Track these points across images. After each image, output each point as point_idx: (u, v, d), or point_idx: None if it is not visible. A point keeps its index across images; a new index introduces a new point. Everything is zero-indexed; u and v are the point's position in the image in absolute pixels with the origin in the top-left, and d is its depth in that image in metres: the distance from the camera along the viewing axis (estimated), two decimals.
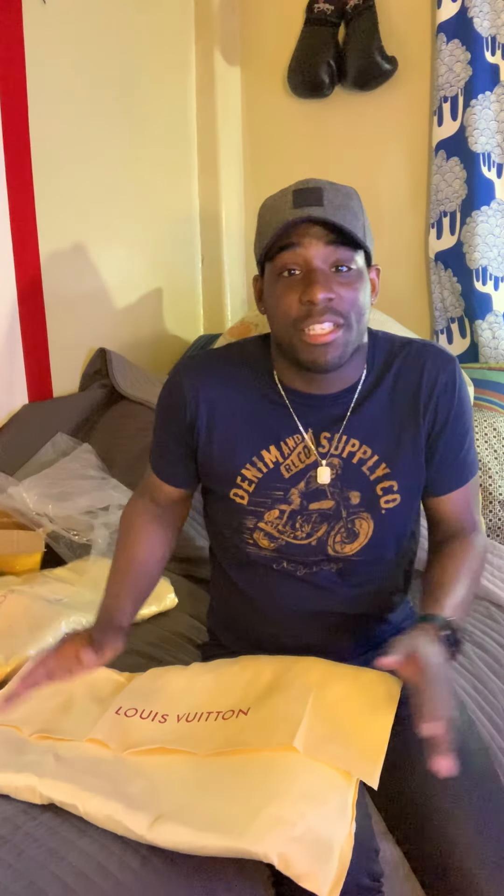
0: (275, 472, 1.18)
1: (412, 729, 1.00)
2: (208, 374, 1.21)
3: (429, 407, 1.16)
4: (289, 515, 1.18)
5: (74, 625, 1.40)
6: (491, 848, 1.00)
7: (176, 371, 1.24)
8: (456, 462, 1.19)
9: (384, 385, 1.18)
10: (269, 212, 1.11)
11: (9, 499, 1.78)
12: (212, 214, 2.67)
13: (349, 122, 2.41)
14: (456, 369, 1.18)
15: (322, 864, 0.86)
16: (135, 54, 2.36)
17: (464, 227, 2.20)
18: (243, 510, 1.19)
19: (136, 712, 1.12)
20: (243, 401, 1.20)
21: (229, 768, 0.99)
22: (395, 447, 1.17)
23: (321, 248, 1.07)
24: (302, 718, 1.02)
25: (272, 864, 0.87)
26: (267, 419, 1.19)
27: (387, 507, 1.18)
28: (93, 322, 2.37)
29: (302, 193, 1.08)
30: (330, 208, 1.06)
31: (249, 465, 1.18)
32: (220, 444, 1.19)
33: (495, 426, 1.98)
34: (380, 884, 0.99)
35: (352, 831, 0.91)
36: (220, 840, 0.89)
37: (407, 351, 1.19)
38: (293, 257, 1.08)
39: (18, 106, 2.03)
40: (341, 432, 1.17)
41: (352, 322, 1.09)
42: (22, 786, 1.00)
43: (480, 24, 2.09)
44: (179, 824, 0.91)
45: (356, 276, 1.09)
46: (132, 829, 0.92)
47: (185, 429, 1.21)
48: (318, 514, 1.18)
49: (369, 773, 0.97)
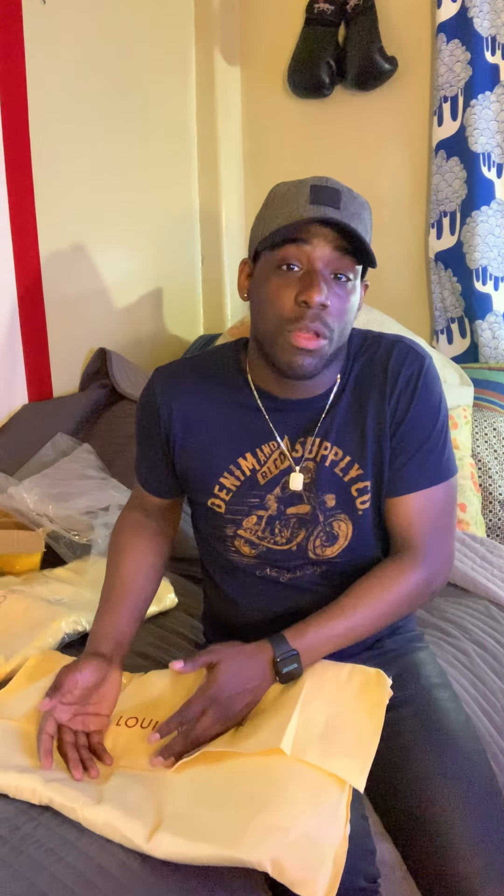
0: (252, 479, 1.17)
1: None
2: (181, 383, 1.20)
3: (390, 402, 1.13)
4: (267, 521, 1.17)
5: (74, 625, 1.40)
6: (488, 848, 1.00)
7: (149, 383, 1.23)
8: (410, 463, 1.13)
9: (349, 385, 1.16)
10: (282, 199, 1.07)
11: (9, 499, 1.78)
12: (212, 214, 2.67)
13: (349, 122, 2.41)
14: (424, 366, 1.14)
15: (316, 869, 0.86)
16: (135, 54, 2.36)
17: (464, 227, 2.20)
18: (222, 518, 1.19)
19: (136, 722, 1.12)
20: (218, 409, 1.18)
21: (223, 776, 0.99)
22: (365, 446, 1.14)
23: (328, 251, 1.04)
24: (290, 720, 1.02)
25: (266, 872, 0.87)
26: (242, 427, 1.17)
27: (363, 508, 1.16)
28: (93, 322, 2.37)
29: (321, 191, 1.04)
30: (346, 214, 1.04)
31: (227, 474, 1.17)
32: (196, 454, 1.19)
33: (495, 426, 1.98)
34: (376, 885, 0.99)
35: (346, 834, 0.91)
36: (214, 850, 0.89)
37: (375, 347, 1.16)
38: (298, 253, 1.05)
39: (18, 106, 2.03)
40: (314, 435, 1.15)
41: (335, 336, 1.07)
42: (23, 786, 1.00)
43: (480, 24, 2.09)
44: (175, 835, 0.91)
45: (351, 290, 1.08)
46: (130, 839, 0.92)
47: (162, 440, 1.21)
48: (295, 519, 1.17)
49: (356, 776, 0.97)
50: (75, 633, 1.40)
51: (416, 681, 1.18)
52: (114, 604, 1.22)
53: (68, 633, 1.39)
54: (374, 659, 1.21)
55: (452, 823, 1.01)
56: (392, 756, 1.05)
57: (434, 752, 1.08)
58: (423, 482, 1.14)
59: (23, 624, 1.39)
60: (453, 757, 1.08)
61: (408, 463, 1.14)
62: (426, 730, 1.11)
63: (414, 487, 1.14)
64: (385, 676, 1.10)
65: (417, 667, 1.22)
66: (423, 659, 1.25)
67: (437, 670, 1.25)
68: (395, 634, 1.27)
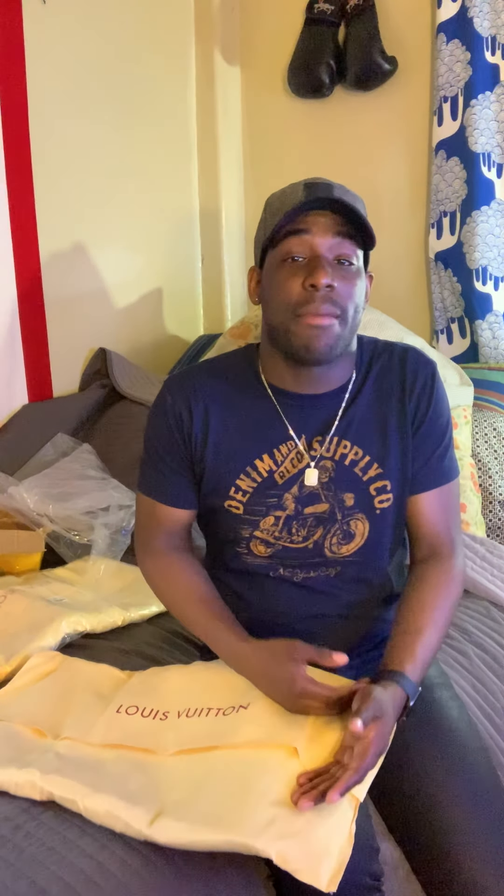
0: (269, 480, 1.17)
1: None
2: (195, 387, 1.20)
3: (410, 404, 1.17)
4: (284, 521, 1.17)
5: (74, 625, 1.40)
6: (491, 847, 1.00)
7: (161, 392, 1.22)
8: (431, 460, 1.19)
9: (368, 385, 1.19)
10: (279, 201, 1.12)
11: (9, 499, 1.78)
12: (212, 214, 2.67)
13: (349, 122, 2.41)
14: (434, 372, 1.20)
15: (320, 857, 0.86)
16: (135, 54, 2.36)
17: (464, 227, 2.20)
18: (238, 519, 1.19)
19: (136, 710, 1.12)
20: (233, 411, 1.19)
21: (228, 765, 0.99)
22: (386, 447, 1.17)
23: (328, 238, 1.08)
24: (305, 726, 1.02)
25: (270, 859, 0.87)
26: (258, 428, 1.18)
27: (381, 507, 1.18)
28: (93, 322, 2.37)
29: (315, 185, 1.09)
30: (340, 195, 1.08)
31: (244, 476, 1.18)
32: (213, 458, 1.19)
33: (495, 426, 1.98)
34: (380, 883, 0.99)
35: (352, 831, 0.91)
36: (219, 835, 0.89)
37: (389, 353, 1.21)
38: (299, 243, 1.09)
39: (18, 106, 2.03)
40: (332, 434, 1.17)
41: (348, 316, 1.10)
42: (23, 781, 1.00)
43: (480, 24, 2.09)
44: (178, 820, 0.91)
45: (356, 273, 1.11)
46: (132, 825, 0.92)
47: (184, 445, 1.19)
48: (313, 518, 1.17)
49: (358, 787, 0.95)
50: (75, 633, 1.40)
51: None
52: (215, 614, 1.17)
53: (68, 633, 1.39)
54: (377, 660, 1.21)
55: (457, 822, 1.01)
56: (394, 755, 1.05)
57: (437, 751, 1.09)
58: (442, 479, 1.20)
59: (23, 624, 1.39)
60: (456, 755, 1.08)
61: (427, 462, 1.19)
62: (428, 729, 1.11)
63: (434, 484, 1.20)
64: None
65: None
66: None
67: (438, 671, 1.25)
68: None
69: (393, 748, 1.02)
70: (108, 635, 1.45)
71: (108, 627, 1.46)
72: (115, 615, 1.47)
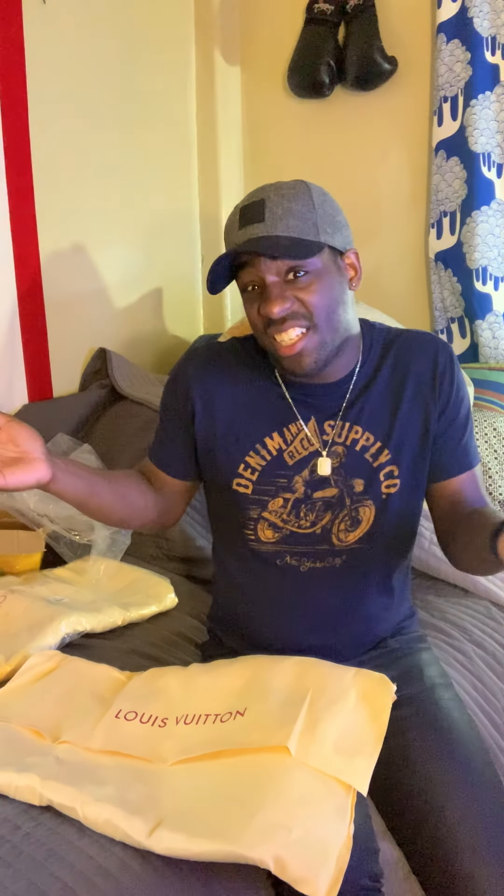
0: (278, 459, 1.19)
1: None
2: (210, 365, 1.24)
3: (434, 387, 1.18)
4: (293, 504, 1.18)
5: (74, 625, 1.40)
6: (492, 847, 1.00)
7: (180, 362, 1.26)
8: (462, 443, 1.21)
9: (383, 372, 1.19)
10: (226, 231, 1.14)
11: (9, 499, 1.78)
12: (212, 214, 2.67)
13: (349, 122, 2.41)
14: (452, 354, 1.21)
15: (318, 867, 0.86)
16: (135, 54, 2.36)
17: (464, 227, 2.20)
18: (247, 500, 1.20)
19: (135, 716, 1.12)
20: (244, 390, 1.21)
21: (226, 773, 0.99)
22: (397, 433, 1.18)
23: (270, 263, 1.08)
24: (297, 720, 1.02)
25: (268, 869, 0.87)
26: (269, 407, 1.20)
27: (387, 492, 1.19)
28: (93, 322, 2.37)
29: (246, 211, 1.09)
30: (271, 221, 1.06)
31: (253, 453, 1.19)
32: (222, 434, 1.21)
33: (495, 426, 1.98)
34: (380, 884, 0.99)
35: (350, 834, 0.91)
36: (216, 846, 0.89)
37: (404, 338, 1.22)
38: (249, 276, 1.11)
39: (18, 106, 2.03)
40: (344, 419, 1.18)
41: (320, 322, 1.10)
42: (23, 785, 1.00)
43: (480, 24, 2.09)
44: (176, 831, 0.91)
45: (315, 278, 1.09)
46: (130, 835, 0.92)
47: (187, 417, 1.23)
48: (322, 503, 1.18)
49: (359, 780, 0.97)
50: (75, 633, 1.40)
51: (420, 680, 1.19)
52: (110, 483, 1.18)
53: (68, 633, 1.39)
54: (378, 658, 1.22)
55: (458, 823, 1.01)
56: (395, 755, 1.05)
57: (437, 752, 1.09)
58: (472, 461, 1.23)
59: (23, 624, 1.39)
60: (456, 756, 1.08)
61: (458, 446, 1.20)
62: (429, 729, 1.11)
63: (467, 466, 1.22)
64: (389, 682, 1.10)
65: (421, 667, 1.22)
66: (427, 660, 1.25)
67: (439, 671, 1.25)
68: (399, 635, 1.28)
69: (393, 748, 1.02)
70: (108, 635, 1.45)
71: (108, 627, 1.46)
72: (115, 615, 1.47)
